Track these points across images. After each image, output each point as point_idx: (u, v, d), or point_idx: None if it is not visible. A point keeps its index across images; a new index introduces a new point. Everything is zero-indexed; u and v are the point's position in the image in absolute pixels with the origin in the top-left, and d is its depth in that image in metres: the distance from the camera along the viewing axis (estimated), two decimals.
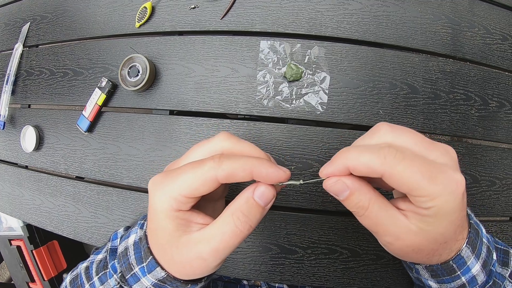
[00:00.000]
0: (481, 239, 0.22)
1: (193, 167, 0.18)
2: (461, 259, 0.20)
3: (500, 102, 0.37)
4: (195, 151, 0.21)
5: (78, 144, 0.41)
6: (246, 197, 0.18)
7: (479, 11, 0.38)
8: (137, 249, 0.22)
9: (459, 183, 0.17)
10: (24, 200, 0.44)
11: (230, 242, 0.18)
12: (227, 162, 0.18)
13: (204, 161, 0.18)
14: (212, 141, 0.20)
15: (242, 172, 0.18)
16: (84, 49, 0.42)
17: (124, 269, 0.23)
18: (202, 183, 0.18)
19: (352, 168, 0.17)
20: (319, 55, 0.34)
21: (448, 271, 0.21)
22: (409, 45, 0.36)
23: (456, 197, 0.17)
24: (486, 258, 0.22)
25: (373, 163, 0.17)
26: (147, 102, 0.38)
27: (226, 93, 0.35)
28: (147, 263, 0.21)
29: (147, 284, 0.22)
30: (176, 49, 0.37)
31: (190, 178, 0.18)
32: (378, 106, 0.35)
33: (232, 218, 0.18)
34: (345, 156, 0.18)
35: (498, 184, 0.37)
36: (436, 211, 0.17)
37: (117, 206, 0.39)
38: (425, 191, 0.16)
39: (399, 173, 0.16)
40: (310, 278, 0.34)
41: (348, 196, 0.18)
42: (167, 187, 0.18)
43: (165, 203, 0.18)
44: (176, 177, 0.18)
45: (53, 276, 0.58)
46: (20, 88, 0.46)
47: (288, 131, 0.34)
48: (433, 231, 0.18)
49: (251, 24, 0.36)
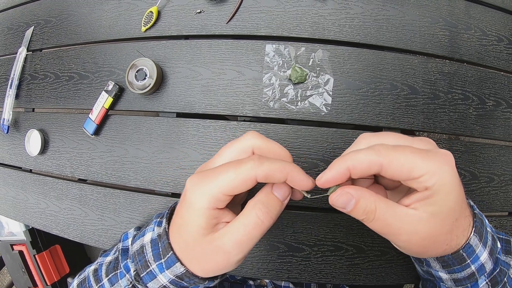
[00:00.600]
0: (485, 228, 0.23)
1: (234, 167, 0.19)
2: (470, 247, 0.21)
3: (496, 101, 0.39)
4: (227, 150, 0.21)
5: (85, 147, 0.41)
6: (266, 191, 0.20)
7: (475, 14, 0.39)
8: (155, 246, 0.23)
9: (448, 155, 0.19)
10: (29, 204, 0.44)
11: (252, 233, 0.19)
12: (267, 163, 0.19)
13: (244, 161, 0.19)
14: (242, 140, 0.21)
15: (279, 174, 0.19)
16: (90, 53, 0.42)
17: (140, 267, 0.23)
18: (242, 181, 0.19)
19: (352, 167, 0.18)
20: (323, 58, 0.35)
21: (459, 260, 0.22)
22: (409, 48, 0.37)
23: (452, 167, 0.19)
24: (492, 246, 0.23)
25: (371, 157, 0.18)
26: (154, 105, 0.38)
27: (233, 96, 0.36)
28: (166, 259, 0.21)
29: (164, 281, 0.22)
30: (183, 53, 0.38)
31: (231, 177, 0.19)
32: (380, 107, 0.36)
33: (254, 210, 0.19)
34: (343, 159, 0.19)
35: (497, 180, 0.38)
36: (440, 185, 0.18)
37: (124, 208, 0.39)
38: (423, 168, 0.18)
39: (396, 158, 0.18)
40: (317, 275, 0.35)
41: (354, 204, 0.19)
42: (207, 186, 0.19)
43: (204, 201, 0.19)
44: (216, 176, 0.19)
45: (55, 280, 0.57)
46: (24, 92, 0.47)
47: (293, 131, 0.35)
48: (444, 210, 0.19)
49: (256, 28, 0.37)
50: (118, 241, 0.32)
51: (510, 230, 0.39)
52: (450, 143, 0.37)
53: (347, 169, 0.19)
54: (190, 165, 0.37)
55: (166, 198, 0.37)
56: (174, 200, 0.37)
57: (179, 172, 0.37)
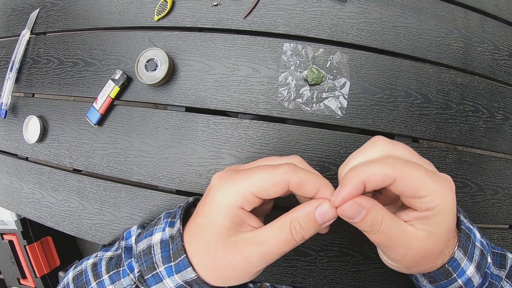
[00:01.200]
0: (473, 243, 0.23)
1: (268, 168, 0.18)
2: (455, 261, 0.22)
3: (505, 115, 0.39)
4: (265, 161, 0.21)
5: (86, 137, 0.40)
6: (307, 211, 0.19)
7: (489, 28, 0.40)
8: (165, 248, 0.21)
9: (451, 181, 0.20)
10: (23, 193, 0.42)
11: (281, 249, 0.18)
12: (301, 171, 0.18)
13: (279, 165, 0.19)
14: (284, 159, 0.21)
15: (312, 185, 0.18)
16: (97, 39, 0.41)
17: (145, 268, 0.22)
18: (274, 184, 0.18)
19: (367, 180, 0.18)
20: (341, 61, 0.34)
21: (445, 274, 0.22)
22: (425, 57, 0.37)
23: (453, 193, 0.19)
24: (480, 261, 0.23)
25: (386, 170, 0.18)
26: (163, 98, 0.37)
27: (247, 93, 0.35)
28: (177, 262, 0.20)
29: (171, 285, 0.21)
30: (196, 46, 0.37)
31: (264, 177, 0.18)
32: (394, 114, 0.36)
33: (290, 227, 0.18)
34: (356, 172, 0.18)
35: (501, 193, 0.39)
36: (441, 208, 0.18)
37: (125, 203, 0.37)
38: (431, 190, 0.18)
39: (409, 175, 0.18)
40: (321, 280, 0.34)
41: (364, 215, 0.19)
42: (236, 183, 0.18)
43: (231, 198, 0.18)
44: (249, 175, 0.19)
45: (45, 273, 0.55)
46: (24, 76, 0.44)
47: (306, 133, 0.34)
48: (439, 231, 0.19)
49: (274, 25, 0.36)
50: (119, 238, 0.30)
51: (511, 243, 0.39)
52: (459, 155, 0.37)
53: (362, 183, 0.18)
54: (197, 162, 0.36)
55: (170, 195, 0.36)
56: (178, 198, 0.36)
57: (185, 169, 0.36)
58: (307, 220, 0.19)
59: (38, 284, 0.55)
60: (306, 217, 0.19)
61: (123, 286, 0.24)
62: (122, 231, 0.32)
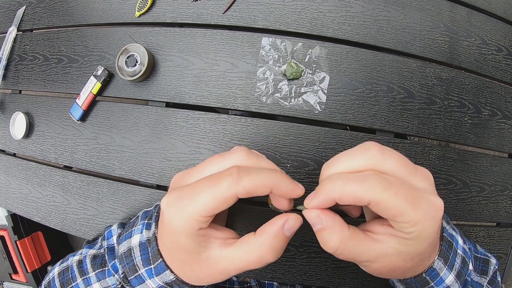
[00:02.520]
0: (455, 250, 0.22)
1: (211, 186, 0.17)
2: (433, 271, 0.21)
3: (492, 111, 0.38)
4: (209, 166, 0.20)
5: (70, 133, 0.40)
6: (276, 233, 0.18)
7: (476, 22, 0.39)
8: (144, 251, 0.22)
9: (438, 208, 0.18)
10: (10, 188, 0.43)
11: (254, 266, 0.18)
12: (247, 179, 0.17)
13: (221, 178, 0.17)
14: (228, 159, 0.19)
15: (263, 189, 0.18)
16: (81, 36, 0.41)
17: (127, 270, 0.22)
18: (222, 202, 0.17)
19: (338, 199, 0.18)
20: (320, 55, 0.34)
21: (422, 283, 0.22)
22: (408, 51, 0.36)
23: (436, 221, 0.18)
24: (460, 269, 0.22)
25: (359, 192, 0.17)
26: (143, 93, 0.37)
27: (225, 88, 0.35)
28: (156, 266, 0.21)
29: (153, 286, 0.21)
30: (176, 41, 0.37)
31: (209, 198, 0.17)
32: (375, 109, 0.35)
33: (260, 250, 0.18)
34: (330, 187, 0.18)
35: (487, 190, 0.38)
36: (417, 235, 0.17)
37: (107, 198, 0.38)
38: (409, 217, 0.17)
39: (385, 200, 0.17)
40: (301, 276, 0.34)
41: (319, 230, 0.18)
42: (185, 209, 0.18)
43: (185, 225, 0.18)
44: (193, 197, 0.18)
45: (36, 268, 0.56)
46: (11, 73, 0.45)
47: (285, 129, 0.34)
48: (411, 253, 0.18)
49: (253, 20, 0.36)
50: (101, 234, 0.30)
51: (497, 241, 0.38)
52: (443, 151, 0.37)
53: (333, 200, 0.18)
54: (176, 157, 0.36)
55: (150, 190, 0.36)
56: (159, 193, 0.36)
57: (165, 164, 0.36)
58: (277, 241, 0.18)
59: (29, 279, 0.56)
60: (275, 238, 0.18)
61: (108, 285, 0.25)
62: (105, 227, 0.32)
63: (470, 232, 0.38)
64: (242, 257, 0.18)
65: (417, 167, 0.19)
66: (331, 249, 0.18)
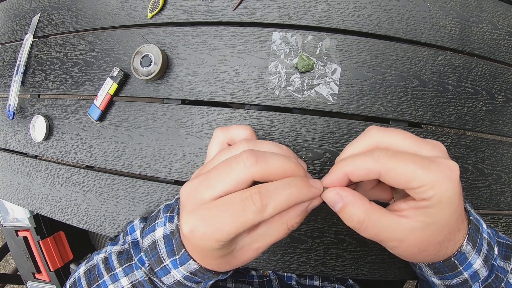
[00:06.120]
0: (481, 234, 0.22)
1: (233, 214, 0.17)
2: (462, 255, 0.21)
3: (506, 97, 0.38)
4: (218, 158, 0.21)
5: (89, 133, 0.41)
6: (301, 210, 0.19)
7: (487, 7, 0.38)
8: (168, 242, 0.22)
9: (453, 168, 0.18)
10: (33, 190, 0.45)
11: (281, 238, 0.20)
12: (271, 205, 0.17)
13: (245, 205, 0.17)
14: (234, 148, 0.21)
15: (288, 209, 0.18)
16: (96, 39, 0.42)
17: (153, 262, 0.23)
18: (245, 227, 0.17)
19: (350, 173, 0.18)
20: (330, 47, 0.34)
21: (450, 267, 0.21)
22: (418, 39, 0.36)
23: (454, 182, 0.18)
24: (487, 253, 0.22)
25: (369, 165, 0.18)
26: (159, 92, 0.38)
27: (238, 83, 0.36)
28: (180, 256, 0.21)
29: (178, 277, 0.22)
30: (189, 40, 0.38)
31: (232, 227, 0.17)
32: (388, 98, 0.35)
33: (286, 225, 0.19)
34: (341, 164, 0.19)
35: (504, 178, 0.37)
36: (438, 199, 0.17)
37: (127, 195, 0.39)
38: (422, 180, 0.17)
39: (394, 167, 0.17)
40: (318, 267, 0.35)
41: (342, 208, 0.19)
42: (208, 236, 0.18)
43: (211, 245, 0.18)
44: (215, 224, 0.17)
45: (59, 267, 0.58)
46: (30, 78, 0.47)
47: (299, 121, 0.35)
48: (437, 223, 0.18)
49: (263, 15, 0.36)
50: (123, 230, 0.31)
51: None
52: (458, 138, 0.36)
53: (345, 175, 0.19)
54: (193, 153, 0.36)
55: (169, 186, 0.37)
56: (177, 188, 0.37)
57: (182, 160, 0.37)
58: (301, 217, 0.20)
59: (52, 277, 0.58)
60: (301, 215, 0.20)
61: (136, 278, 0.25)
62: (126, 223, 0.33)
63: (488, 221, 0.37)
64: (272, 234, 0.20)
65: (423, 139, 0.20)
66: (356, 223, 0.19)
